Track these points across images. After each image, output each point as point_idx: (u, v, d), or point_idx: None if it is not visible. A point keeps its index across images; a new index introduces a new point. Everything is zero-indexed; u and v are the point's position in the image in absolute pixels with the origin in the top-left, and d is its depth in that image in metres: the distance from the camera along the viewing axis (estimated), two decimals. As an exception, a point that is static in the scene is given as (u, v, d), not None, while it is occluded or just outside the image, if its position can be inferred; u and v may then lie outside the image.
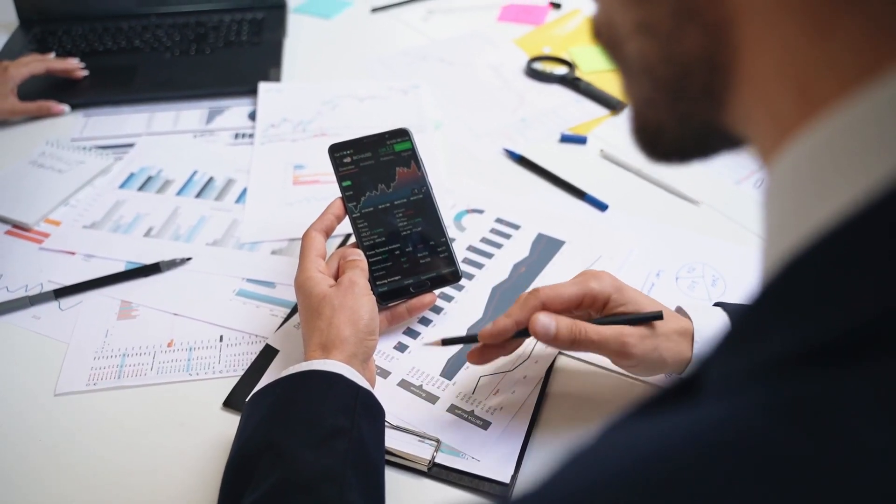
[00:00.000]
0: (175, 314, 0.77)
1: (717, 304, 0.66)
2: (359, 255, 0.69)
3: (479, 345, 0.63)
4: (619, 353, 0.59)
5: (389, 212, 0.73)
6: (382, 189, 0.74)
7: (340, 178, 0.73)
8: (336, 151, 0.74)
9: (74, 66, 1.12)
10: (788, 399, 0.20)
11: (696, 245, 0.83)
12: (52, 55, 1.14)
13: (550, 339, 0.59)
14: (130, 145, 1.02)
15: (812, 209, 0.22)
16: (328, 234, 0.71)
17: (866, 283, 0.20)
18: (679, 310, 0.64)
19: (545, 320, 0.59)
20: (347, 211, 0.73)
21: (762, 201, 0.25)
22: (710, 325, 0.61)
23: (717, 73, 0.26)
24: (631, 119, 0.31)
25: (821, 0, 0.22)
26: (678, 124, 0.30)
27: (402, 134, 0.76)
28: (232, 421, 0.61)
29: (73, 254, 0.85)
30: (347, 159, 0.74)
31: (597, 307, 0.62)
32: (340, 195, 0.73)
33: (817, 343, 0.21)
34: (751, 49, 0.24)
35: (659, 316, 0.60)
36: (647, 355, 0.59)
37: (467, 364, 0.70)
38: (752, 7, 0.24)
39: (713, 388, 0.23)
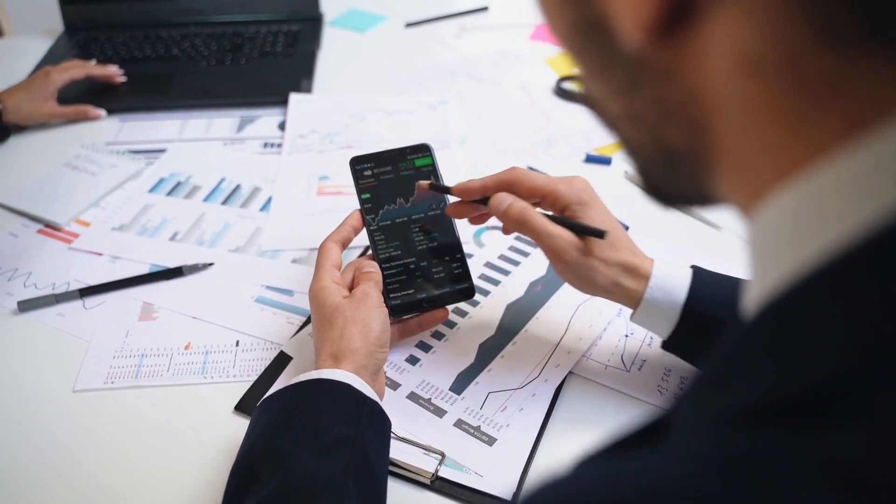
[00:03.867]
0: (194, 317, 0.78)
1: (693, 267, 0.65)
2: (373, 268, 0.70)
3: (457, 200, 0.69)
4: (552, 252, 0.63)
5: (406, 226, 0.74)
6: (401, 203, 0.74)
7: (360, 191, 0.74)
8: (357, 164, 0.75)
9: (114, 72, 1.16)
10: (730, 455, 0.21)
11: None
12: (93, 62, 1.17)
13: (500, 213, 0.64)
14: (162, 151, 1.05)
15: (784, 260, 0.23)
16: (345, 245, 0.72)
17: (814, 347, 0.21)
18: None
19: (503, 195, 0.65)
20: (365, 223, 0.73)
21: (747, 251, 0.27)
22: (671, 277, 0.63)
23: (699, 162, 0.27)
24: (637, 175, 0.33)
25: (792, 104, 0.22)
26: (675, 187, 0.31)
27: (424, 149, 0.76)
28: (242, 425, 0.62)
29: (100, 254, 0.87)
30: (367, 172, 0.75)
31: (557, 208, 0.66)
32: (359, 207, 0.74)
33: (771, 400, 0.21)
34: (728, 144, 0.25)
35: (598, 233, 0.62)
36: (577, 269, 0.62)
37: (477, 380, 0.70)
38: (725, 109, 0.25)
39: (675, 434, 0.24)
